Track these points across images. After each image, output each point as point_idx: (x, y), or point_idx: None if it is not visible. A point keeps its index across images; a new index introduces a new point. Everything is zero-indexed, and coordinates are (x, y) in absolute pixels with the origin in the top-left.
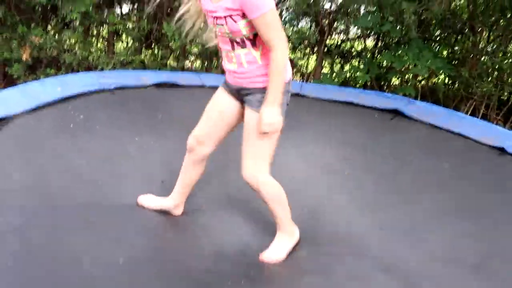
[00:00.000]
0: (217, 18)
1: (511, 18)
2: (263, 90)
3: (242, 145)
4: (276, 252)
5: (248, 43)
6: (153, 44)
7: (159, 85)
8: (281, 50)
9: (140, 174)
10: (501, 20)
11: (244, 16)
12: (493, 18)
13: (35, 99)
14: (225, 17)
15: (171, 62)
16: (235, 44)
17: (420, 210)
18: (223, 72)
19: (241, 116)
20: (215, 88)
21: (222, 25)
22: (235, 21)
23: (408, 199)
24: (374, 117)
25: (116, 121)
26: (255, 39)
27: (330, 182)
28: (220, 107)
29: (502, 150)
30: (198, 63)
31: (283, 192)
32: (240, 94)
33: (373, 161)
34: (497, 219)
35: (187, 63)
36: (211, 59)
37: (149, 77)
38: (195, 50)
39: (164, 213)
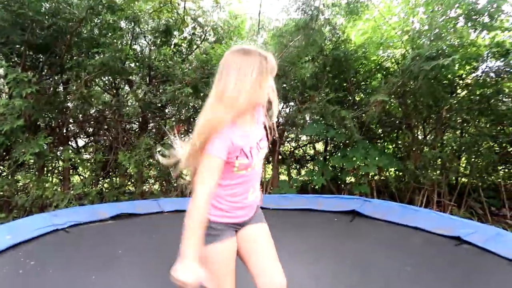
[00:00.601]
0: (261, 140)
1: (439, 113)
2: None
3: (267, 255)
4: None
5: None
6: (111, 173)
7: (116, 217)
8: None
9: None
10: (432, 115)
11: None
12: (424, 114)
13: None
14: (266, 135)
15: (129, 188)
16: (262, 168)
17: None
18: (182, 193)
19: None
20: (174, 212)
21: (265, 145)
22: (267, 138)
23: None
24: (334, 220)
25: (71, 261)
26: None
27: None
28: (233, 259)
29: (458, 239)
30: (156, 185)
31: None
32: (243, 223)
33: (341, 267)
34: None
35: (146, 187)
36: (169, 181)
37: (106, 210)
38: (153, 173)
39: None
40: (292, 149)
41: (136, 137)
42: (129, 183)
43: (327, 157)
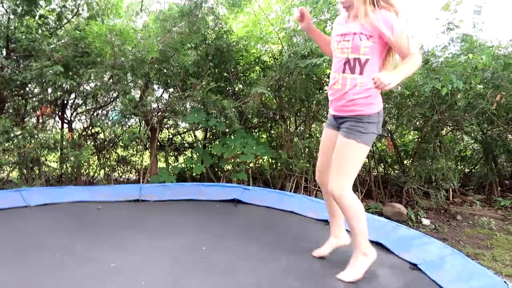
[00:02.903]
0: (344, 35)
1: (309, 107)
2: (352, 118)
3: (332, 165)
4: (352, 271)
5: (358, 68)
6: None
7: None
8: (418, 53)
9: None
10: (302, 109)
11: (370, 38)
12: (296, 107)
13: None
14: (354, 33)
15: None
16: (346, 66)
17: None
18: (47, 182)
19: None
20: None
21: (348, 40)
22: (360, 39)
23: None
24: (216, 207)
25: None
26: (365, 65)
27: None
28: (328, 143)
29: (326, 222)
30: (15, 173)
31: (363, 210)
32: (338, 123)
33: (222, 244)
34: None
35: (1, 175)
36: (31, 168)
37: None
38: (11, 159)
39: None
40: (171, 136)
41: None
42: None
43: (206, 145)
